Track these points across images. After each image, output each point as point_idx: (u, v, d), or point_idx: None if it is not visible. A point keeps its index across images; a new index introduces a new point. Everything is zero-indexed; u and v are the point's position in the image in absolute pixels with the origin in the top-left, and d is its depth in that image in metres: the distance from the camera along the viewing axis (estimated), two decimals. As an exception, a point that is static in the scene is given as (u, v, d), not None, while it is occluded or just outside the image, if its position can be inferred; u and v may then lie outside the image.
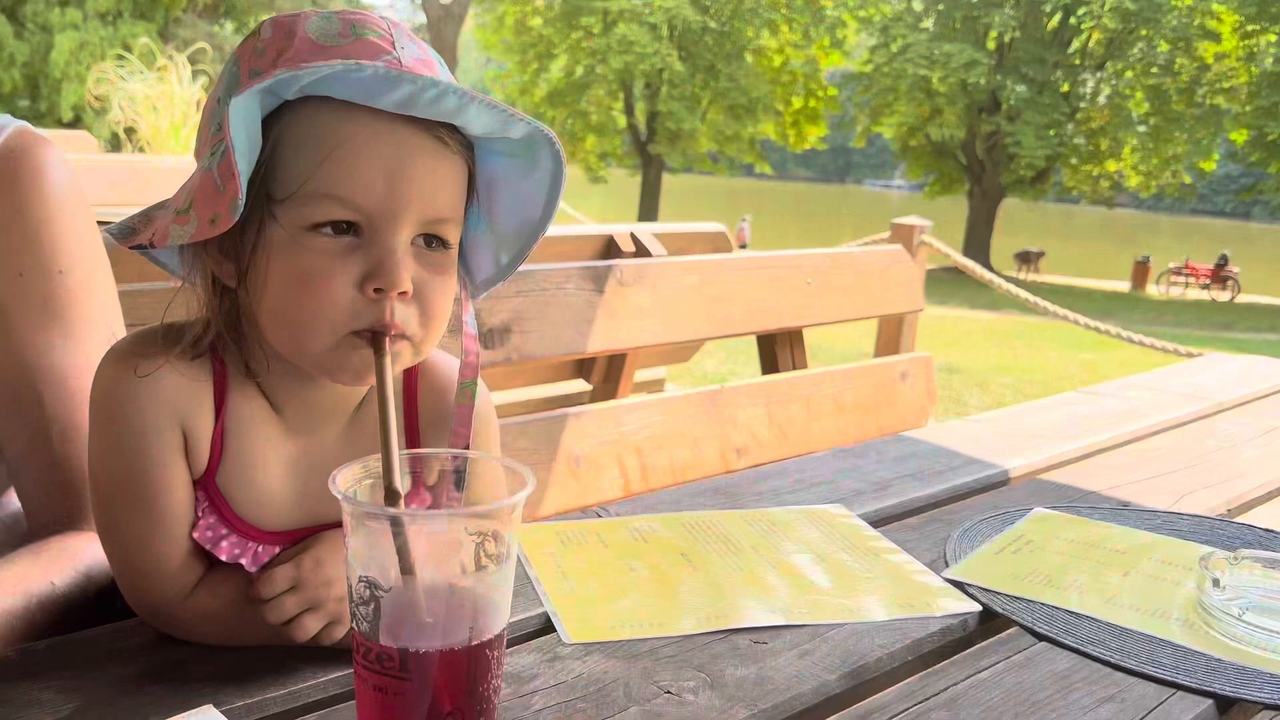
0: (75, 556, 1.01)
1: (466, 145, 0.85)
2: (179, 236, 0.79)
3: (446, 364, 0.96)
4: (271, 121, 0.80)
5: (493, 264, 0.94)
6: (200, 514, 0.88)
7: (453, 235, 0.85)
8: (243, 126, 0.76)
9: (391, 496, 0.74)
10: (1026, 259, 26.79)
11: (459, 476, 0.81)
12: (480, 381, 0.95)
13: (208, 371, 0.87)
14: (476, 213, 0.90)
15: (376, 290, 0.79)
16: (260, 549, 0.89)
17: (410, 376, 0.95)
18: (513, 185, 0.88)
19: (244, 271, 0.83)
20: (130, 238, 0.85)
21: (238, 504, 0.89)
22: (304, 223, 0.79)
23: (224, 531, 0.89)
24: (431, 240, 0.83)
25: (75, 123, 20.96)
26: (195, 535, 0.88)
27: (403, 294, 0.80)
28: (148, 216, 0.86)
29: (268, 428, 0.89)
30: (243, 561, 0.89)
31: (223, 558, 0.88)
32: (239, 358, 0.88)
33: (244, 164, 0.76)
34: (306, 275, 0.79)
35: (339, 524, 0.73)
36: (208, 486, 0.88)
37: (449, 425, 0.92)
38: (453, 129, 0.83)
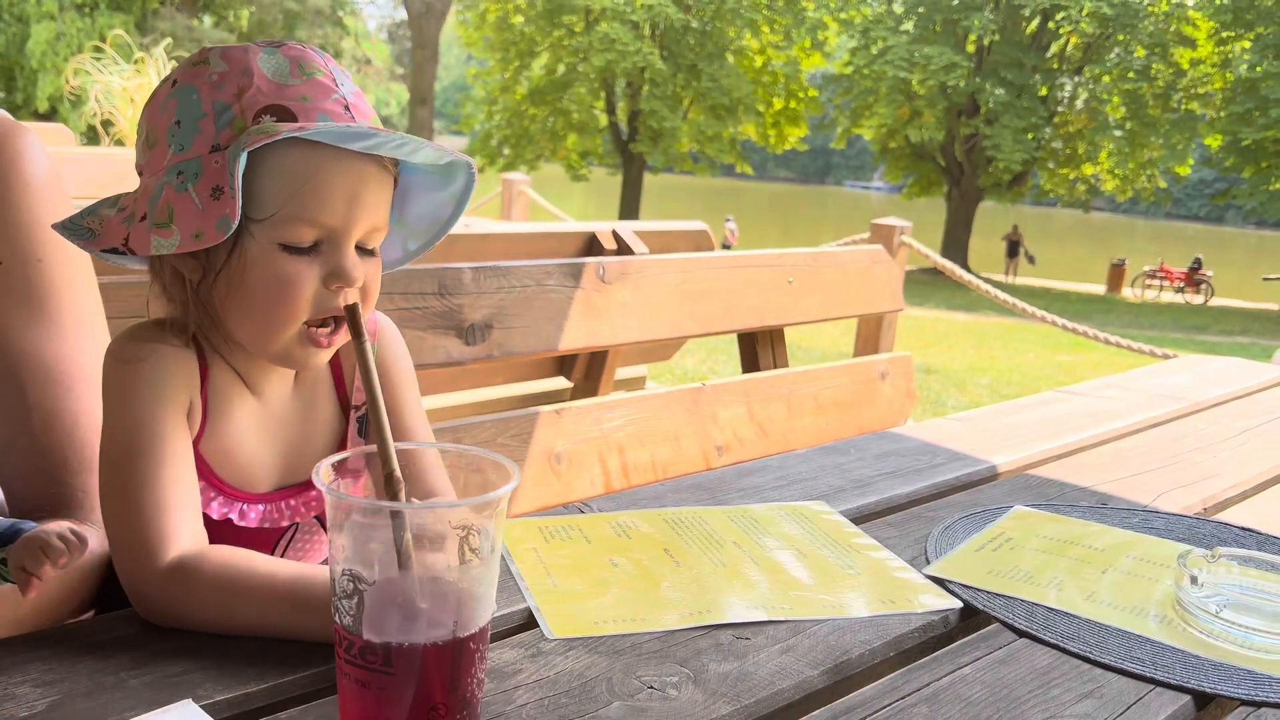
0: None
1: (395, 163, 0.98)
2: (162, 248, 0.88)
3: (383, 323, 1.10)
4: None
5: (399, 249, 1.08)
6: None
7: (381, 238, 0.99)
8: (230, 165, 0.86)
9: (392, 484, 0.74)
10: (1015, 250, 26.57)
11: (360, 425, 1.03)
12: (392, 327, 1.09)
13: (192, 347, 0.97)
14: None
15: (337, 286, 0.93)
16: (245, 506, 0.99)
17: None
18: (428, 195, 1.04)
19: (215, 272, 0.92)
20: (89, 239, 0.91)
21: (220, 468, 0.98)
22: (280, 240, 0.91)
23: (212, 494, 0.97)
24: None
25: (51, 114, 20.76)
26: None
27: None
28: (98, 216, 0.93)
29: (241, 398, 0.99)
30: (231, 516, 0.98)
31: (214, 516, 0.97)
32: (207, 338, 0.97)
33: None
34: (282, 280, 0.91)
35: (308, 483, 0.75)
36: (196, 453, 0.96)
37: (384, 378, 1.03)
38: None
